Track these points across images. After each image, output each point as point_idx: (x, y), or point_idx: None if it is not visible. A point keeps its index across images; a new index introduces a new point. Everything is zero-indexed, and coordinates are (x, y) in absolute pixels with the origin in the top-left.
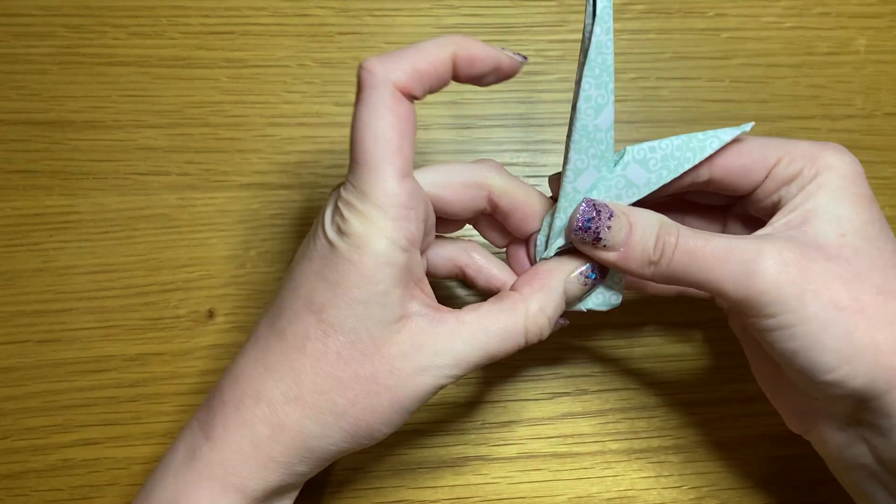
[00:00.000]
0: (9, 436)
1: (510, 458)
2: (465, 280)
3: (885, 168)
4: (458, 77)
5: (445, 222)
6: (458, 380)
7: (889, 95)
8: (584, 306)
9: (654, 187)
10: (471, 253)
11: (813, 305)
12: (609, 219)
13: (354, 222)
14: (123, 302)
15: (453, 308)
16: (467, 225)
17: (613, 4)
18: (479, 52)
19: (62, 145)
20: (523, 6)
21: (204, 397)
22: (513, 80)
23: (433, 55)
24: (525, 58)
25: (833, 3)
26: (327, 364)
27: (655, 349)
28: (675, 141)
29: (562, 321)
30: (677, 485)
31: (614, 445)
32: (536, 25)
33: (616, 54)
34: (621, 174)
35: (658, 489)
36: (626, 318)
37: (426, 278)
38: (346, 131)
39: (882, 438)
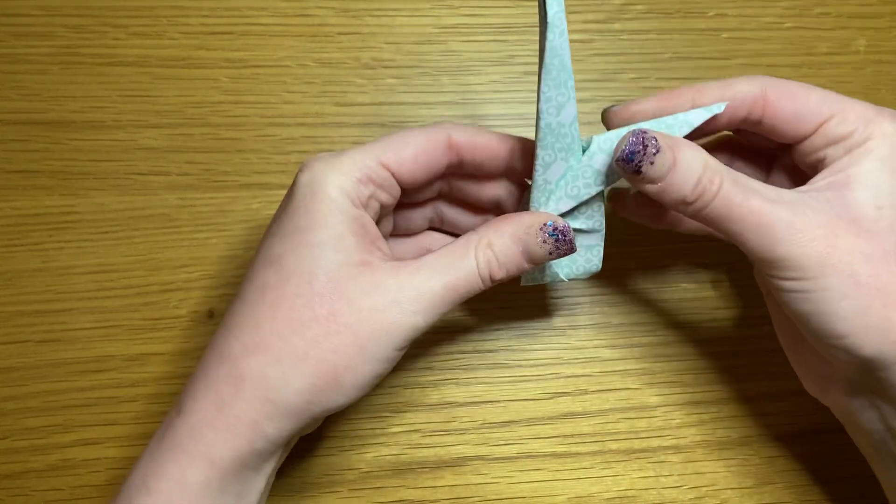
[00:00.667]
0: (9, 436)
1: (510, 458)
2: None
3: None
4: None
5: (409, 203)
6: (426, 324)
7: (889, 95)
8: (564, 275)
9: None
10: (432, 235)
11: (832, 277)
12: (654, 154)
13: (318, 168)
14: (123, 302)
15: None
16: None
17: (614, 6)
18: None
19: (62, 145)
20: (523, 6)
21: None
22: (513, 80)
23: (493, 141)
24: None
25: (833, 4)
26: (285, 307)
27: (655, 349)
28: (644, 127)
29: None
30: (677, 485)
31: (614, 445)
32: (536, 25)
33: (616, 54)
34: (588, 164)
35: (658, 489)
36: (625, 318)
37: (384, 239)
38: (346, 131)
39: (889, 407)
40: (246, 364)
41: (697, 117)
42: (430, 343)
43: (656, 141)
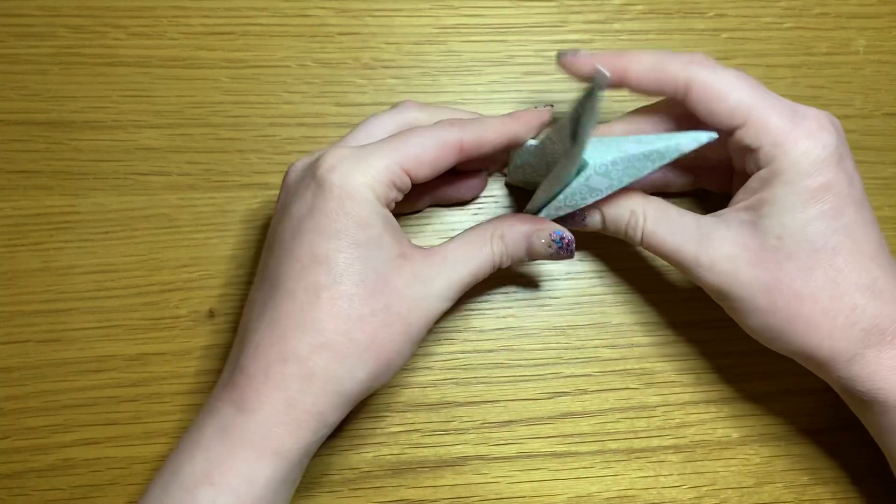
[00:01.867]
0: (9, 436)
1: (510, 458)
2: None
3: (884, 168)
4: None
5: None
6: (451, 303)
7: (888, 95)
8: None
9: (616, 189)
10: None
11: (736, 302)
12: (582, 221)
13: (348, 170)
14: (124, 302)
15: None
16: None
17: (614, 6)
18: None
19: (63, 145)
20: (523, 6)
21: (204, 397)
22: (512, 80)
23: (497, 136)
24: (551, 105)
25: (832, 4)
26: (344, 306)
27: (655, 349)
28: (636, 153)
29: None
30: (677, 484)
31: (613, 445)
32: (536, 25)
33: None
34: (584, 184)
35: (658, 489)
36: (625, 318)
37: (403, 231)
38: (346, 131)
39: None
40: (314, 363)
41: (688, 145)
42: (430, 343)
43: (574, 219)
